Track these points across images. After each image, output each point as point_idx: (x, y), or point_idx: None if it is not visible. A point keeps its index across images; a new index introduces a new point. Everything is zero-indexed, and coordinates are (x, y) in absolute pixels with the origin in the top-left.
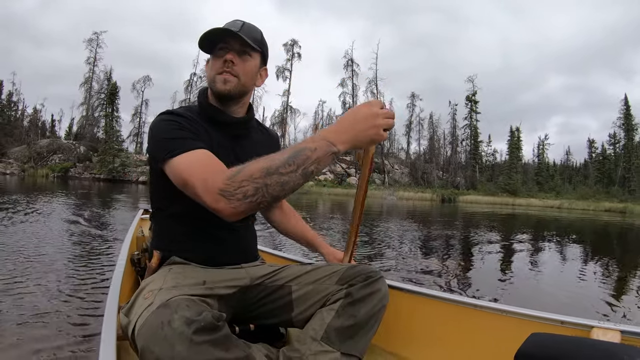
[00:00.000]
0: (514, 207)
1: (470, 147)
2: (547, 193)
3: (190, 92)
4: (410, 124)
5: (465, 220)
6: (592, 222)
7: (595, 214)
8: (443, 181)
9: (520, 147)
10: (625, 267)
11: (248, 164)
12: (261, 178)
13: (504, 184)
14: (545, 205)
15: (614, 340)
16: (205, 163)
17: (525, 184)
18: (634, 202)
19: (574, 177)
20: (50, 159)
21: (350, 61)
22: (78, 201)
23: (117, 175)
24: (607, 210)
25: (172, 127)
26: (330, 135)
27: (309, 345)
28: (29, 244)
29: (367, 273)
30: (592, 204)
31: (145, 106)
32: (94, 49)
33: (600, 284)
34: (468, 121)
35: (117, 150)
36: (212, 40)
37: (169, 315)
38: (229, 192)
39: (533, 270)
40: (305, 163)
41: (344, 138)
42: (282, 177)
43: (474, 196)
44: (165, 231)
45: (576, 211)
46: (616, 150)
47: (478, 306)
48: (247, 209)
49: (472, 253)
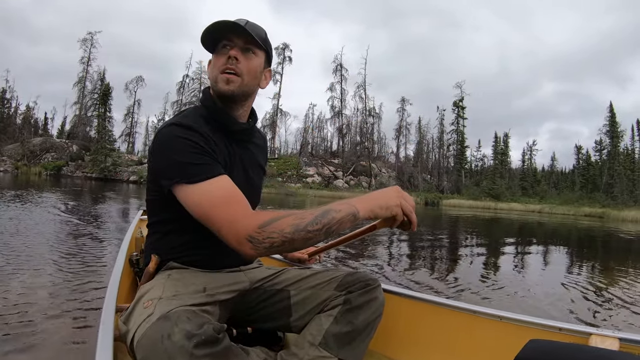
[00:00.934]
0: (495, 211)
1: (456, 151)
2: (532, 198)
3: (182, 94)
4: (400, 128)
5: (441, 222)
6: (564, 225)
7: (575, 219)
8: (429, 185)
9: (507, 153)
10: (590, 266)
11: (278, 215)
12: (290, 233)
13: (488, 188)
14: (526, 210)
15: (612, 348)
16: (231, 200)
17: (509, 189)
18: (612, 208)
19: (561, 183)
20: (43, 157)
21: (340, 66)
22: (71, 198)
23: (109, 175)
24: (586, 215)
25: (189, 148)
26: (356, 201)
27: (306, 350)
28: (23, 237)
29: (365, 280)
30: (572, 208)
31: (137, 106)
32: (88, 49)
33: (562, 282)
34: (455, 126)
35: (109, 150)
36: (216, 37)
37: (169, 328)
38: (258, 240)
39: (490, 269)
40: (330, 223)
41: (366, 205)
42: (308, 234)
43: (457, 200)
44: (163, 237)
45: (556, 215)
46: (602, 157)
47: (476, 312)
48: (268, 254)
49: (440, 251)
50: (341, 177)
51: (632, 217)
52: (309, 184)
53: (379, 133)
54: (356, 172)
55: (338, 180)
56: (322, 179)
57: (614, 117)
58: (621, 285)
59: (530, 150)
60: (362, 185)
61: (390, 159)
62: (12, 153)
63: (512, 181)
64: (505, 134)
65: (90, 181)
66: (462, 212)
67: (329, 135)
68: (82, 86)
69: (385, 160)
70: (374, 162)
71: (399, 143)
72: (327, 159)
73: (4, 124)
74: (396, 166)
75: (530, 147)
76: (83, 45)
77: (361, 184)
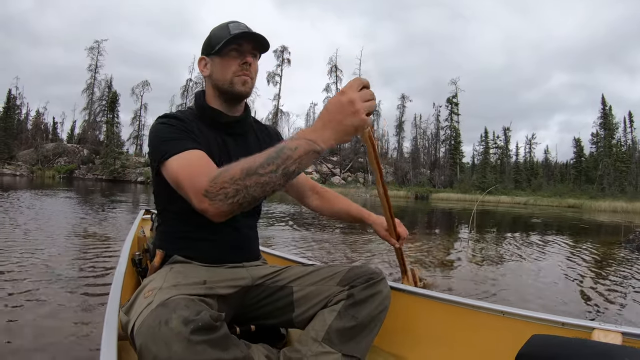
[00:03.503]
0: (482, 203)
1: (450, 147)
2: (524, 191)
3: (186, 97)
4: (401, 124)
5: (416, 214)
6: (531, 215)
7: (553, 210)
8: (424, 179)
9: (508, 147)
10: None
11: (230, 165)
12: (241, 179)
13: (478, 182)
14: (513, 202)
15: (615, 342)
16: (195, 163)
17: (502, 182)
18: (590, 199)
19: (556, 176)
20: (56, 161)
21: (335, 67)
22: (84, 197)
23: (118, 176)
24: (570, 207)
25: (168, 129)
26: (310, 134)
27: (310, 346)
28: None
29: (369, 274)
30: (557, 200)
31: (144, 110)
32: (95, 57)
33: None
34: (449, 122)
35: (117, 153)
36: (226, 42)
37: (167, 314)
38: (212, 193)
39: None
40: (285, 162)
41: (325, 135)
42: (262, 178)
43: (446, 194)
44: (169, 230)
45: (540, 207)
46: (598, 149)
47: (479, 307)
48: (230, 209)
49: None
50: (338, 174)
51: (603, 207)
52: None
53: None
54: (354, 168)
55: (335, 177)
56: (320, 176)
57: (606, 109)
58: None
59: (530, 144)
60: (358, 181)
61: (394, 154)
62: (27, 158)
63: (505, 175)
64: (506, 128)
65: (101, 182)
66: (447, 204)
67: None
68: (91, 92)
69: (386, 156)
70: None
71: (400, 139)
72: (326, 156)
73: (17, 131)
74: (392, 162)
75: (530, 140)
76: (90, 54)
77: (358, 180)
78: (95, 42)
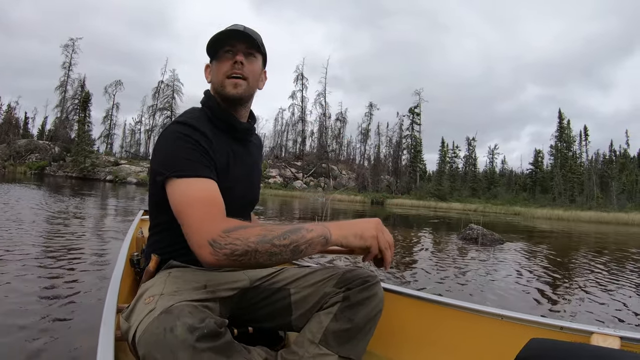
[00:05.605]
0: (435, 209)
1: (410, 155)
2: (479, 199)
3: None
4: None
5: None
6: (467, 220)
7: (496, 216)
8: (383, 186)
9: (473, 156)
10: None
11: (247, 224)
12: (254, 243)
13: (434, 189)
14: (464, 209)
15: (614, 347)
16: (207, 202)
17: (457, 190)
18: (530, 207)
19: (517, 185)
20: (27, 158)
21: (301, 75)
22: (56, 194)
23: (88, 174)
24: (515, 214)
25: (187, 144)
26: (331, 225)
27: (307, 348)
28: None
29: (364, 277)
30: (504, 208)
31: (116, 109)
32: (70, 54)
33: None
34: (410, 132)
35: (88, 152)
36: (218, 44)
37: (171, 322)
38: (219, 244)
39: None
40: (298, 241)
41: (340, 231)
42: (274, 249)
43: (401, 200)
44: (164, 236)
45: (487, 214)
46: (555, 161)
47: (476, 310)
48: (228, 264)
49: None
50: (301, 179)
51: (539, 215)
52: (270, 185)
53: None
54: (317, 173)
55: (297, 181)
56: (284, 180)
57: (563, 122)
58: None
59: (492, 154)
60: (320, 185)
61: (360, 161)
62: None
63: (461, 183)
64: (471, 138)
65: (71, 180)
66: (400, 210)
67: (292, 139)
68: (64, 90)
69: (350, 163)
70: (337, 165)
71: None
72: (291, 161)
73: None
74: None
75: (492, 150)
76: (65, 51)
77: (320, 185)
78: (70, 39)
